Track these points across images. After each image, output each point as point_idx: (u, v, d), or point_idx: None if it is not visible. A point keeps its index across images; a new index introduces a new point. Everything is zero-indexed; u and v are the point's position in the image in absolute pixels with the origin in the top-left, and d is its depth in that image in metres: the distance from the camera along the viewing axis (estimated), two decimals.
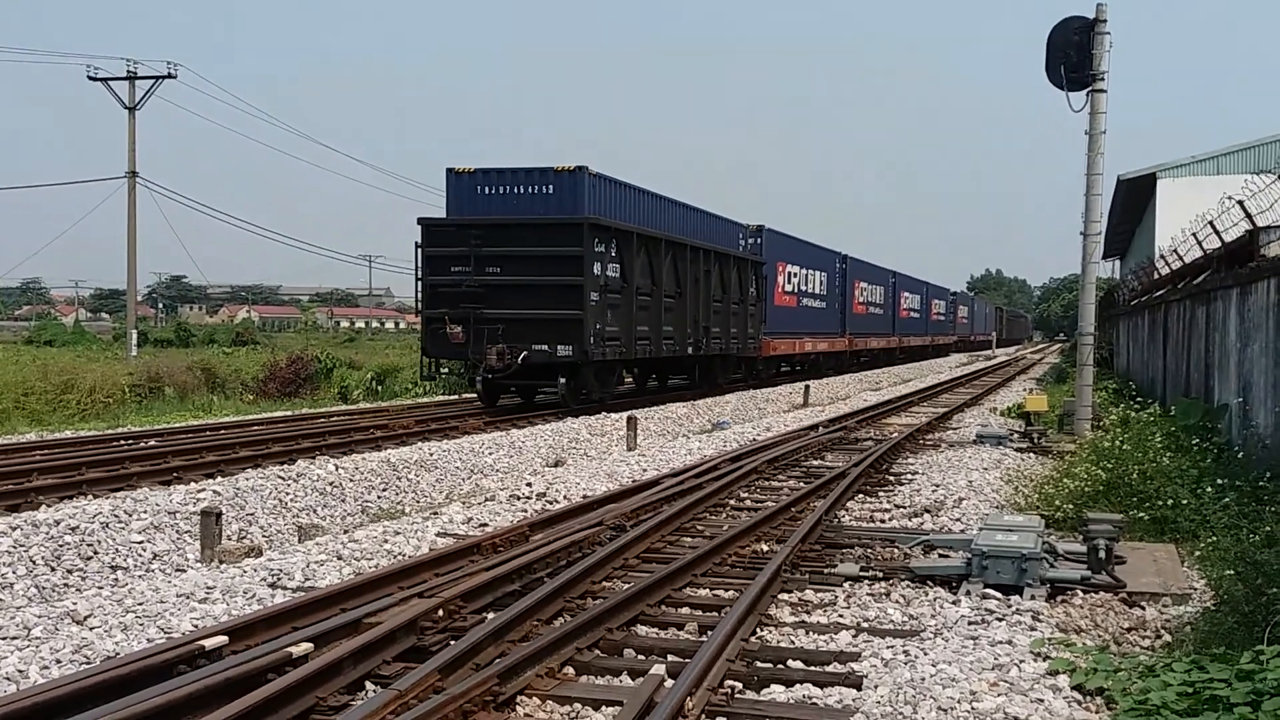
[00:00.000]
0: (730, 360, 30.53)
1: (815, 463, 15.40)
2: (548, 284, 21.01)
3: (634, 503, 10.89)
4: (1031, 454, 16.23)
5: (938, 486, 12.70)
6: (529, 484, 13.05)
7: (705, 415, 23.89)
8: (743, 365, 32.38)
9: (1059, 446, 16.54)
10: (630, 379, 28.22)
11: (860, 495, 12.50)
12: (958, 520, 10.72)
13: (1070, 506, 10.65)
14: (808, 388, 29.93)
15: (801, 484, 13.15)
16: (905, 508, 11.56)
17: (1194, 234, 18.41)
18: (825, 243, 41.93)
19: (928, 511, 11.24)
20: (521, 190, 21.98)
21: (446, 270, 21.48)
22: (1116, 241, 52.21)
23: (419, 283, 21.70)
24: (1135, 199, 38.78)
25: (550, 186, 21.84)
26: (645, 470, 14.56)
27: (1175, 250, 20.83)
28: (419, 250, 21.62)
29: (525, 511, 11.38)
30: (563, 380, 21.84)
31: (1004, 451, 16.14)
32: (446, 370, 24.28)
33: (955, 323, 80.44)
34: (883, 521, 10.97)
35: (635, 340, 23.16)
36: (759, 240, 33.05)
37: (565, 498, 12.17)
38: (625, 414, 19.72)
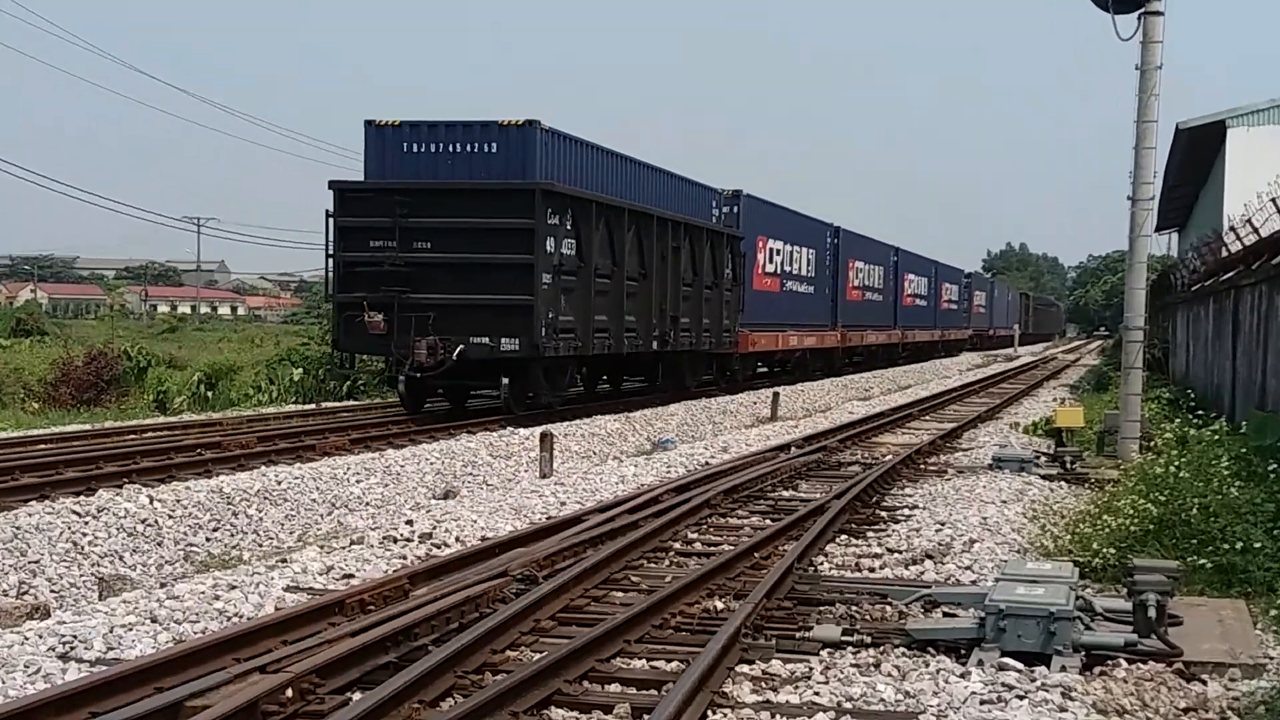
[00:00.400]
0: (700, 358, 31.97)
1: (785, 494, 15.49)
2: (490, 263, 22.13)
3: (549, 546, 10.86)
4: (1063, 483, 16.48)
5: (943, 525, 12.86)
6: (410, 522, 12.99)
7: (643, 431, 23.95)
8: (714, 364, 33.44)
9: (1098, 473, 16.81)
10: (578, 381, 29.07)
11: (843, 536, 12.60)
12: (968, 569, 10.84)
13: (1112, 551, 10.81)
14: (776, 396, 30.15)
15: (767, 521, 13.21)
16: (901, 553, 11.67)
17: (1274, 199, 18.82)
18: (813, 212, 43.18)
19: (929, 558, 11.36)
20: (458, 148, 23.07)
21: (365, 245, 22.62)
22: (1174, 209, 53.16)
23: (330, 260, 22.93)
24: (1199, 154, 39.50)
25: (494, 144, 22.93)
26: (564, 503, 14.56)
27: (1249, 220, 21.27)
28: (330, 220, 22.81)
29: (405, 558, 11.31)
30: (506, 381, 23.03)
31: (1027, 479, 16.38)
32: (320, 367, 24.78)
33: (971, 313, 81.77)
34: (872, 571, 11.06)
35: (592, 332, 24.44)
36: (735, 209, 34.19)
37: (458, 540, 12.12)
38: (538, 429, 19.74)
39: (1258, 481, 12.64)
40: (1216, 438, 15.52)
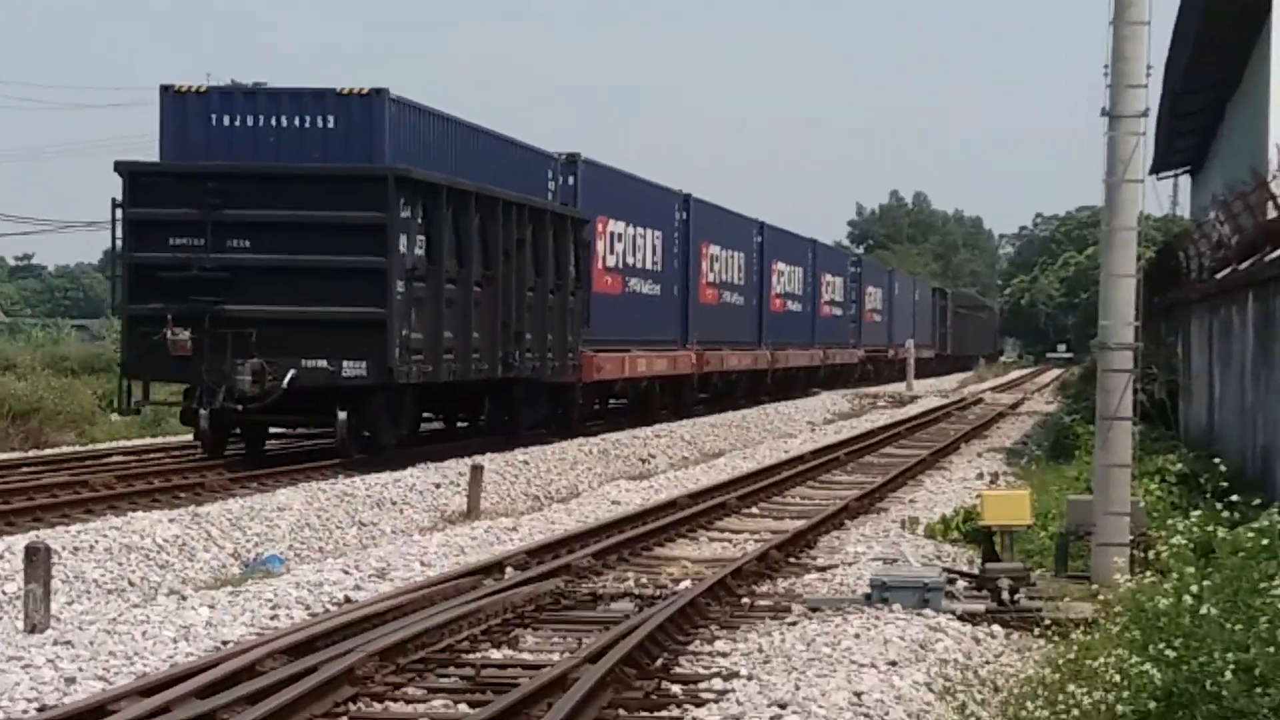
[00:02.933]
0: (539, 389, 39.86)
1: (496, 656, 15.59)
2: (330, 267, 30.12)
3: None
4: (996, 626, 16.83)
5: (783, 709, 12.93)
6: None
7: (224, 542, 23.64)
8: (549, 397, 40.17)
9: (1059, 609, 17.16)
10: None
11: None
12: None
13: None
14: (477, 472, 29.98)
15: (463, 708, 13.26)
16: None
17: None
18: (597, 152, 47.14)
19: None
20: (285, 122, 30.47)
21: (164, 244, 29.18)
22: (1186, 136, 55.17)
23: (118, 262, 28.74)
24: (1226, 39, 40.97)
25: (332, 118, 30.53)
26: (73, 680, 14.27)
27: None
28: (118, 211, 28.48)
29: None
30: (343, 415, 29.57)
31: (934, 622, 16.62)
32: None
33: (862, 321, 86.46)
34: None
35: (441, 354, 31.65)
36: (572, 179, 41.37)
37: None
38: (24, 537, 19.42)
39: None
40: (1265, 542, 15.97)
